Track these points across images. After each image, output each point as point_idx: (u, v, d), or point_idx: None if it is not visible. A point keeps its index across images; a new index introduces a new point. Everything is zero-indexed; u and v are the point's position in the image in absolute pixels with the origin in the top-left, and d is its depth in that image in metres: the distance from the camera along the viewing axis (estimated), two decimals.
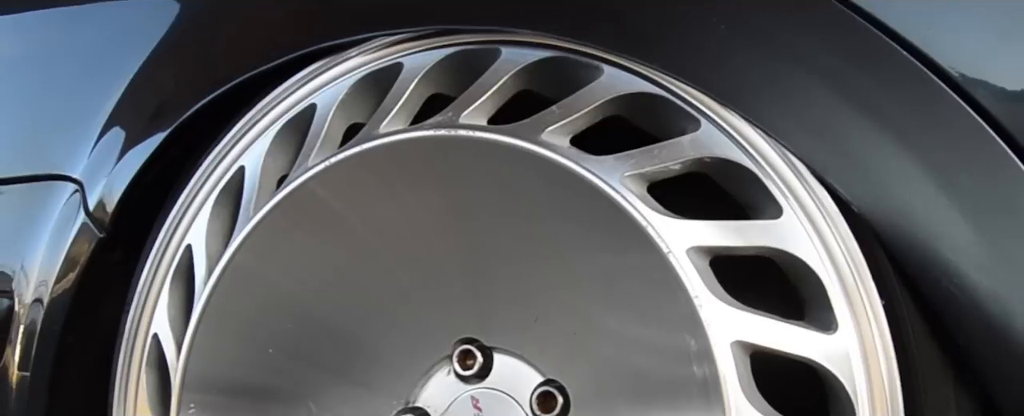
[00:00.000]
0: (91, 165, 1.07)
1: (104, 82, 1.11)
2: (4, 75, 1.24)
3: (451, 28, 0.84)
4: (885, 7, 0.72)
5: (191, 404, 0.87)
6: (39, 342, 1.06)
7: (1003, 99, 0.69)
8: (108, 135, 1.07)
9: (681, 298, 0.70)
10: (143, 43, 1.09)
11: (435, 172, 0.81)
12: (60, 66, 1.18)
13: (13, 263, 1.14)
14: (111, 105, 1.09)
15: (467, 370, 0.87)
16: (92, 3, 1.17)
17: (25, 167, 1.15)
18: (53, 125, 1.15)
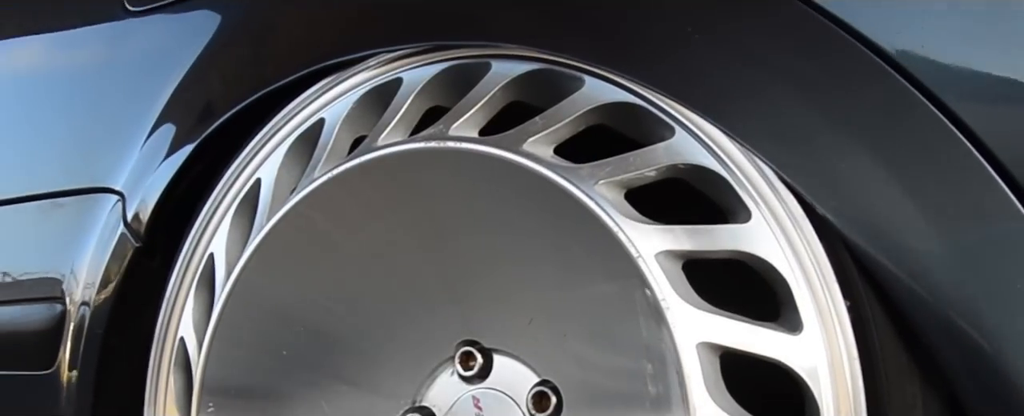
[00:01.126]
0: (130, 178, 1.15)
1: (146, 98, 1.18)
2: (57, 92, 1.32)
3: (445, 44, 0.88)
4: (854, 12, 0.74)
5: (210, 404, 0.93)
6: (85, 344, 1.14)
7: (969, 101, 0.71)
8: (145, 149, 1.14)
9: (651, 301, 0.73)
10: (180, 61, 1.15)
11: (428, 182, 0.85)
12: (107, 83, 1.26)
13: (65, 271, 1.22)
14: (151, 120, 1.16)
15: (468, 371, 0.91)
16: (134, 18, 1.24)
17: (74, 181, 1.23)
18: (99, 140, 1.23)
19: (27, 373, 1.23)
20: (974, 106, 0.71)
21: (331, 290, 0.92)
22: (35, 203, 1.29)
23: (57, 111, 1.32)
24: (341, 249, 0.91)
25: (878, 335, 0.71)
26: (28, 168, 1.33)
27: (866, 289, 0.72)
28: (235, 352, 0.93)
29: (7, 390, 1.27)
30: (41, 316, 1.22)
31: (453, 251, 0.88)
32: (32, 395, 1.22)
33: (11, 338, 1.27)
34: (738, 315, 0.74)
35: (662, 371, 0.74)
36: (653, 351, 0.74)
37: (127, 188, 1.15)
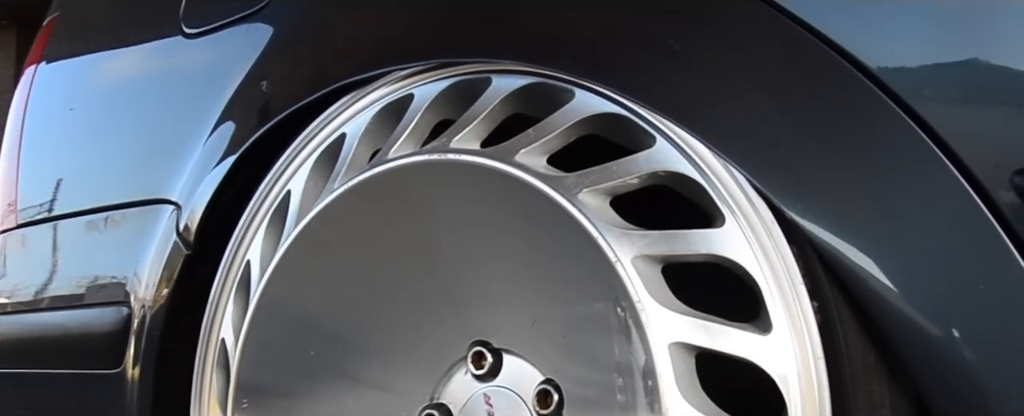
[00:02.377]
0: (184, 189, 1.24)
1: (199, 115, 1.27)
2: (123, 112, 1.43)
3: (450, 61, 0.94)
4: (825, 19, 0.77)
5: (244, 401, 1.00)
6: (145, 345, 1.23)
7: (935, 105, 0.73)
8: (196, 162, 1.23)
9: (627, 303, 0.77)
10: (229, 80, 1.24)
11: (432, 192, 0.91)
12: (167, 102, 1.36)
13: (130, 277, 1.32)
14: (204, 135, 1.25)
15: (480, 370, 0.96)
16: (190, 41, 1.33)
17: (137, 193, 1.33)
18: (159, 155, 1.32)
19: (98, 371, 1.33)
20: (939, 109, 0.73)
21: (352, 295, 0.98)
22: (105, 214, 1.39)
23: (124, 129, 1.43)
24: (358, 257, 0.97)
25: (844, 336, 0.74)
26: (99, 182, 1.43)
27: (833, 291, 0.74)
28: (266, 353, 1.01)
29: (81, 387, 1.38)
30: (110, 319, 1.32)
31: (461, 256, 0.93)
32: (102, 392, 1.32)
33: (85, 339, 1.37)
34: (712, 316, 0.77)
35: (640, 371, 0.77)
36: (632, 351, 0.78)
37: (182, 199, 1.24)
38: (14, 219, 1.59)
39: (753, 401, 0.81)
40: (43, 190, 1.54)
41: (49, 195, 1.52)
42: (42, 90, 1.63)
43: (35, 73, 1.65)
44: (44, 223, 1.51)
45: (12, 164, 1.64)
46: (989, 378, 0.69)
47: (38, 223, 1.52)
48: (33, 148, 1.61)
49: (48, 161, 1.58)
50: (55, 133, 1.59)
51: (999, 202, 0.70)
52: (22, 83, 1.68)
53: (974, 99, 0.73)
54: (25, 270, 1.55)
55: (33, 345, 1.50)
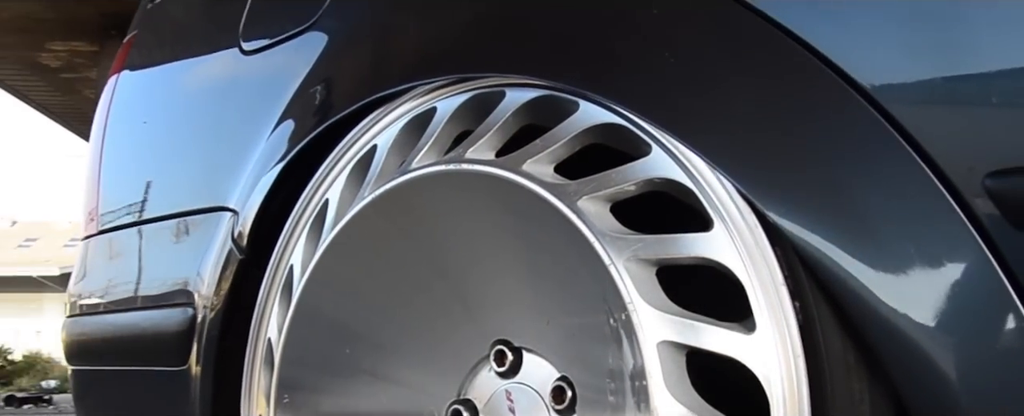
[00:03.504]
0: (240, 197, 1.32)
1: (254, 126, 1.36)
2: (189, 125, 1.53)
3: (467, 76, 1.00)
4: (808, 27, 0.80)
5: (285, 397, 1.08)
6: (205, 345, 1.32)
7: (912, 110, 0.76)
8: (251, 171, 1.31)
9: (619, 303, 0.82)
10: (280, 94, 1.32)
11: (450, 200, 0.97)
12: (227, 115, 1.45)
13: (195, 280, 1.41)
14: (259, 145, 1.34)
15: (502, 367, 1.02)
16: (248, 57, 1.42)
17: (201, 201, 1.43)
18: (220, 165, 1.42)
19: (167, 368, 1.43)
20: (915, 115, 0.76)
21: (382, 299, 1.05)
22: (174, 221, 1.49)
23: (191, 140, 1.53)
24: (387, 262, 1.04)
25: (824, 335, 0.78)
26: (168, 190, 1.54)
27: (814, 292, 0.78)
28: (304, 352, 1.08)
29: (153, 383, 1.48)
30: (176, 320, 1.42)
31: (480, 260, 1.00)
32: (171, 388, 1.42)
33: (155, 338, 1.47)
34: (700, 316, 0.82)
35: (632, 368, 0.82)
36: (625, 350, 0.83)
37: (238, 206, 1.33)
38: (95, 226, 1.71)
39: (748, 399, 0.85)
40: (120, 198, 1.66)
41: (125, 203, 1.63)
42: (121, 103, 1.75)
43: (115, 86, 1.77)
44: (120, 230, 1.62)
45: (94, 172, 1.76)
46: (960, 376, 0.72)
47: (115, 230, 1.63)
48: (112, 157, 1.72)
49: (124, 170, 1.69)
50: (131, 143, 1.70)
51: (972, 204, 0.73)
52: (103, 96, 1.80)
53: (949, 105, 0.76)
54: (104, 274, 1.67)
55: (110, 344, 1.61)
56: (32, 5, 7.73)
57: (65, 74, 9.32)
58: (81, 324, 1.72)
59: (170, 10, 1.73)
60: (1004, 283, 0.72)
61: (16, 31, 8.30)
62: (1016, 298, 0.72)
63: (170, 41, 1.74)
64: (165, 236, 1.52)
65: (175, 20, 1.73)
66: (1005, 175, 0.72)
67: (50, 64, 9.26)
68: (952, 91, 0.76)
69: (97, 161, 1.76)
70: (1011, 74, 0.74)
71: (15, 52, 8.93)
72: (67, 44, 8.74)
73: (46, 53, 8.99)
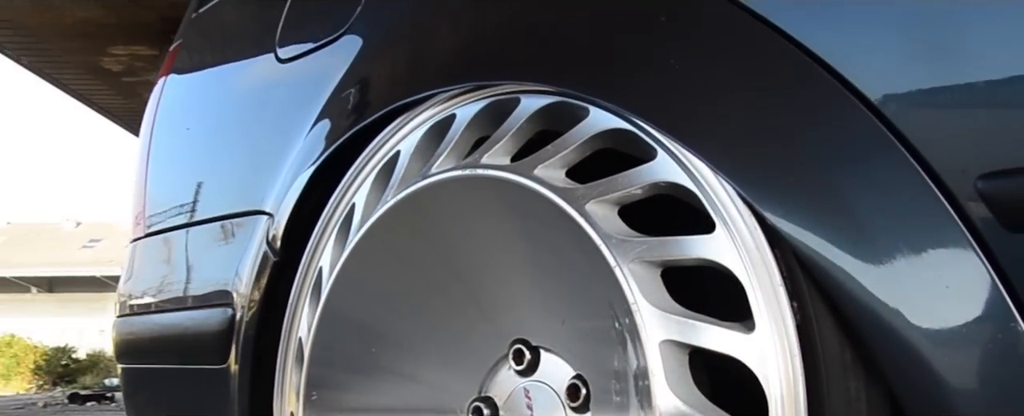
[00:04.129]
0: (275, 200, 1.37)
1: (289, 132, 1.40)
2: (229, 132, 1.58)
3: (483, 84, 1.03)
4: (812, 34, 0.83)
5: (314, 394, 1.13)
6: (243, 344, 1.37)
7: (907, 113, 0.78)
8: (284, 175, 1.36)
9: (623, 303, 0.85)
10: (314, 101, 1.37)
11: (468, 204, 1.01)
12: (264, 121, 1.50)
13: (234, 282, 1.46)
14: (293, 151, 1.39)
15: (520, 365, 1.06)
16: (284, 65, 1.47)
17: (240, 205, 1.48)
18: (257, 170, 1.47)
19: (209, 367, 1.48)
20: (911, 119, 0.78)
21: (405, 300, 1.09)
22: (214, 224, 1.55)
23: (230, 145, 1.59)
24: (409, 265, 1.08)
25: (821, 334, 0.80)
26: (209, 194, 1.60)
27: (811, 292, 0.80)
28: (331, 351, 1.13)
29: (195, 381, 1.54)
30: (217, 320, 1.47)
31: (498, 262, 1.03)
32: (213, 385, 1.47)
33: (197, 337, 1.53)
34: (702, 316, 0.84)
35: (636, 366, 0.85)
36: (629, 349, 0.86)
37: (273, 209, 1.38)
38: (141, 228, 1.77)
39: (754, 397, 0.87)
40: (164, 201, 1.72)
41: (169, 206, 1.69)
42: (166, 109, 1.81)
43: (161, 93, 1.84)
44: (165, 232, 1.68)
45: (141, 176, 1.83)
46: (953, 376, 0.74)
47: (160, 232, 1.70)
48: (157, 162, 1.79)
49: (169, 174, 1.76)
50: (175, 148, 1.76)
51: (964, 206, 0.75)
52: (150, 102, 1.87)
53: (942, 108, 0.77)
54: (150, 275, 1.73)
55: (156, 343, 1.68)
56: (95, 11, 7.91)
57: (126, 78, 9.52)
58: (129, 324, 1.78)
59: (213, 20, 1.79)
60: (996, 284, 0.74)
61: (79, 37, 8.50)
62: (1008, 298, 0.73)
63: (213, 49, 1.80)
64: (207, 238, 1.57)
65: (217, 29, 1.79)
66: (997, 177, 0.74)
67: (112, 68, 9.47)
68: (945, 93, 0.77)
69: (144, 165, 1.82)
70: (1002, 75, 0.75)
71: (78, 57, 9.14)
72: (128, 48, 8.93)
73: (108, 58, 9.19)
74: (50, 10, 7.91)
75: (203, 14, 1.83)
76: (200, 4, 1.85)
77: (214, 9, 1.78)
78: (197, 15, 1.84)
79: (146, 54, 9.04)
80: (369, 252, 1.10)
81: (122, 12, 8.02)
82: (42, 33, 8.43)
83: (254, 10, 1.66)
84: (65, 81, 9.97)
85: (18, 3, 7.76)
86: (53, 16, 8.04)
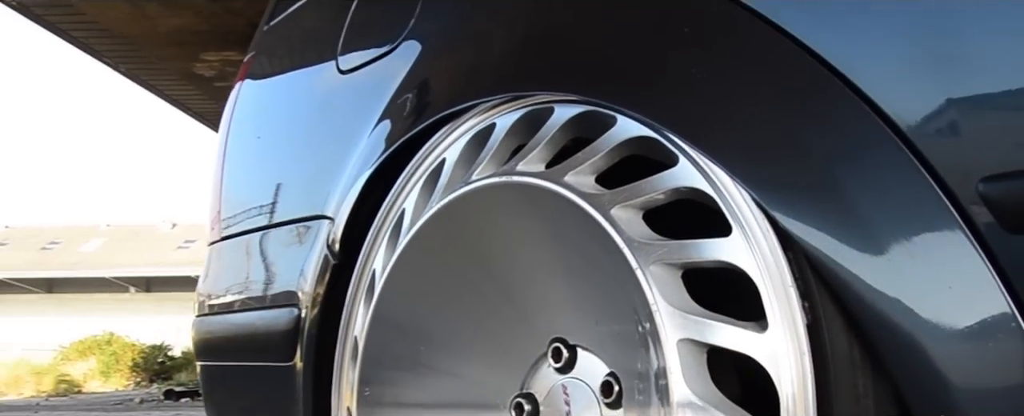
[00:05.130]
0: (335, 206, 1.45)
1: (349, 140, 1.48)
2: (296, 139, 1.67)
3: (520, 94, 1.09)
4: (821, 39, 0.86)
5: (366, 390, 1.20)
6: (306, 342, 1.45)
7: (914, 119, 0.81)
8: (344, 181, 1.44)
9: (644, 304, 0.90)
10: (371, 111, 1.44)
11: (505, 209, 1.07)
12: (327, 130, 1.58)
13: (299, 283, 1.54)
14: (352, 158, 1.46)
15: (558, 363, 1.11)
16: (344, 76, 1.55)
17: (305, 210, 1.56)
18: (321, 176, 1.55)
19: (277, 364, 1.57)
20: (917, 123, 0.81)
21: (450, 302, 1.16)
22: (284, 228, 1.64)
23: (298, 152, 1.67)
24: (453, 268, 1.14)
25: (830, 333, 0.84)
26: (278, 200, 1.68)
27: (821, 293, 0.84)
28: (382, 350, 1.20)
29: (266, 377, 1.62)
30: (285, 320, 1.56)
31: (535, 264, 1.09)
32: (281, 382, 1.56)
33: (267, 336, 1.62)
34: (718, 316, 0.89)
35: (657, 365, 0.90)
36: (650, 348, 0.91)
37: (333, 214, 1.46)
38: (217, 232, 1.87)
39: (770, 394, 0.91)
40: (237, 206, 1.81)
41: (242, 211, 1.79)
42: (239, 118, 1.91)
43: (235, 103, 1.94)
44: (238, 236, 1.78)
45: (217, 182, 1.93)
46: (955, 375, 0.77)
47: (234, 236, 1.79)
48: (231, 168, 1.89)
49: (241, 180, 1.85)
50: (247, 156, 1.86)
51: (967, 208, 0.78)
52: (225, 111, 1.97)
53: (946, 117, 0.81)
54: (225, 277, 1.83)
55: (230, 342, 1.77)
56: (188, 19, 8.18)
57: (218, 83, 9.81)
58: (206, 323, 1.88)
59: (282, 32, 1.88)
60: (997, 284, 0.76)
61: (173, 44, 8.79)
62: (1008, 299, 0.76)
63: (281, 60, 1.89)
64: (276, 242, 1.66)
65: (286, 41, 1.88)
66: (997, 180, 0.77)
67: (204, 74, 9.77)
68: (948, 101, 0.80)
69: (219, 170, 1.92)
70: (1001, 83, 0.78)
71: (173, 64, 9.45)
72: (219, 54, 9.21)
73: (200, 63, 9.48)
74: (145, 19, 8.21)
75: (274, 26, 1.92)
76: (271, 17, 1.94)
77: (283, 22, 1.87)
78: (268, 27, 1.94)
79: (237, 59, 9.29)
80: (416, 256, 1.17)
81: (213, 19, 8.27)
82: (138, 41, 8.75)
83: (319, 23, 1.75)
84: (160, 87, 10.32)
85: (115, 14, 8.07)
86: (148, 25, 8.34)
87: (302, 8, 1.79)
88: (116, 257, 27.42)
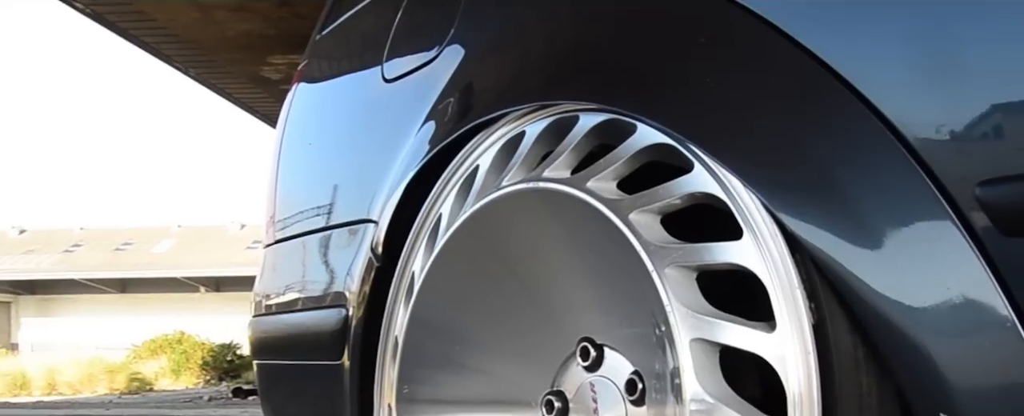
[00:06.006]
0: (379, 210, 1.51)
1: (392, 147, 1.54)
2: (343, 147, 1.74)
3: (547, 103, 1.14)
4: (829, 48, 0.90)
5: (405, 388, 1.26)
6: (352, 341, 1.52)
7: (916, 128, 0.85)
8: (387, 186, 1.50)
9: (660, 305, 0.95)
10: (412, 119, 1.51)
11: (531, 213, 1.12)
12: (373, 137, 1.65)
13: (347, 284, 1.61)
14: (395, 164, 1.52)
15: (586, 362, 1.16)
16: (389, 85, 1.61)
17: (353, 214, 1.63)
18: (368, 182, 1.61)
19: (327, 363, 1.64)
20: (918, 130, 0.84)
21: (483, 304, 1.22)
22: (333, 231, 1.71)
23: (345, 158, 1.74)
24: (485, 271, 1.20)
25: (835, 333, 0.87)
26: (328, 204, 1.75)
27: (826, 294, 0.88)
28: (419, 349, 1.26)
29: (316, 376, 1.70)
30: (335, 319, 1.63)
31: (562, 267, 1.14)
32: (330, 379, 1.63)
33: (317, 336, 1.69)
34: (730, 316, 0.93)
35: (672, 363, 0.95)
36: (665, 347, 0.95)
37: (378, 218, 1.52)
38: (271, 235, 1.95)
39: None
40: (290, 209, 1.89)
41: (294, 214, 1.86)
42: (293, 124, 1.99)
43: (288, 110, 2.02)
44: (291, 239, 1.85)
45: (272, 186, 2.01)
46: (953, 374, 0.81)
47: (287, 239, 1.87)
48: (285, 173, 1.97)
49: (294, 185, 1.93)
50: (299, 161, 1.94)
51: (965, 212, 0.81)
52: (280, 119, 2.05)
53: (945, 124, 0.84)
54: (279, 278, 1.91)
55: (284, 341, 1.85)
56: (255, 24, 8.35)
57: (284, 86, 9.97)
58: (262, 323, 1.97)
59: (331, 42, 1.96)
60: (994, 286, 0.80)
61: (241, 48, 8.98)
62: (1005, 300, 0.79)
63: (331, 69, 1.97)
64: (326, 245, 1.73)
65: (335, 51, 1.96)
66: (993, 184, 0.80)
67: (271, 77, 9.96)
68: (947, 110, 0.84)
69: (274, 175, 2.00)
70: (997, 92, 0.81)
71: (240, 67, 9.65)
72: (286, 58, 9.38)
73: (267, 67, 9.66)
74: (214, 24, 8.40)
75: (325, 36, 1.99)
76: (323, 26, 2.02)
77: (334, 32, 1.95)
78: (320, 37, 2.02)
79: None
80: (450, 259, 1.22)
81: (280, 24, 8.44)
82: (207, 46, 8.96)
83: (366, 34, 1.82)
84: (229, 90, 10.55)
85: (185, 19, 8.28)
86: (217, 30, 8.54)
87: (351, 19, 1.86)
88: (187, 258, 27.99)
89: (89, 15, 8.19)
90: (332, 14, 1.96)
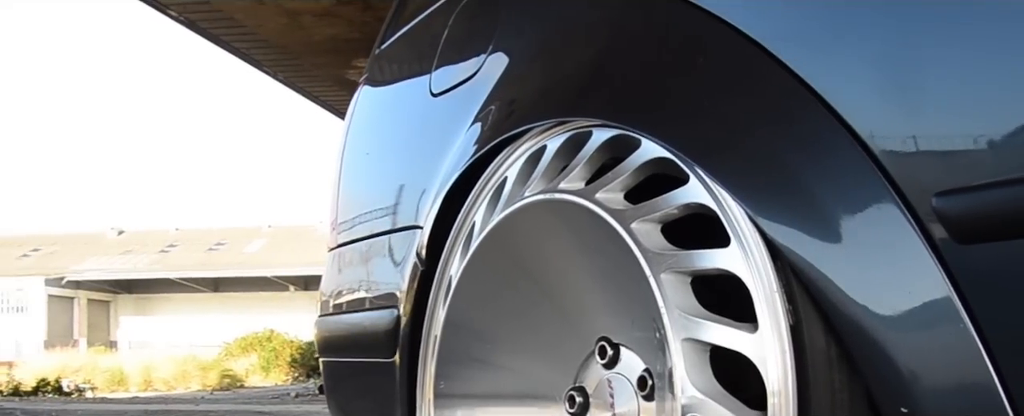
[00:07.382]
0: (425, 216, 1.63)
1: (437, 157, 1.66)
2: (393, 156, 1.86)
3: (563, 120, 1.25)
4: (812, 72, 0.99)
5: (441, 383, 1.38)
6: (402, 340, 1.64)
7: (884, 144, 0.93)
8: (432, 194, 1.62)
9: (655, 307, 1.05)
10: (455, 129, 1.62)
11: (549, 222, 1.22)
12: (420, 147, 1.77)
13: (399, 286, 1.73)
14: (439, 173, 1.64)
15: (603, 359, 1.26)
16: (436, 99, 1.73)
17: (402, 220, 1.75)
18: (415, 189, 1.73)
19: (382, 360, 1.76)
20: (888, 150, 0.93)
21: (510, 306, 1.32)
22: (388, 236, 1.83)
23: (398, 168, 1.87)
24: (511, 276, 1.31)
25: (810, 334, 0.96)
26: (383, 211, 1.88)
27: (803, 298, 0.97)
28: (454, 348, 1.37)
29: (369, 371, 1.82)
30: (388, 319, 1.75)
31: (580, 271, 1.24)
32: (384, 376, 1.75)
33: (374, 335, 1.82)
34: (717, 317, 1.02)
35: (666, 362, 1.04)
36: (661, 347, 1.05)
37: (423, 224, 1.64)
38: (334, 239, 2.09)
39: None
40: (351, 215, 2.02)
41: (355, 219, 2.00)
42: (353, 135, 2.13)
43: (350, 122, 2.16)
44: (352, 244, 1.98)
45: (335, 192, 2.15)
46: (912, 373, 0.89)
47: (349, 244, 2.00)
48: (346, 181, 2.10)
49: (354, 192, 2.06)
50: (359, 169, 2.07)
51: (924, 220, 0.89)
52: (341, 130, 2.19)
53: (908, 142, 0.92)
54: (341, 281, 2.04)
55: (345, 339, 1.98)
56: (340, 28, 8.59)
57: None
58: (326, 323, 2.10)
59: (388, 57, 2.09)
60: (949, 290, 0.88)
61: (327, 52, 9.24)
62: (959, 304, 0.87)
63: (388, 83, 2.10)
64: (382, 249, 1.86)
65: (391, 66, 2.09)
66: (948, 195, 0.88)
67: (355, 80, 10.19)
68: (910, 129, 0.92)
69: (337, 183, 2.14)
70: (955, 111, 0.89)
71: (326, 71, 9.91)
72: None
73: (352, 70, 9.90)
74: (301, 29, 8.66)
75: (383, 51, 2.13)
76: (381, 42, 2.15)
77: (390, 48, 2.08)
78: (379, 51, 2.15)
79: None
80: (480, 265, 1.34)
81: (364, 28, 8.66)
82: (294, 50, 9.23)
83: (417, 51, 1.94)
84: (315, 93, 10.83)
85: (273, 25, 8.55)
86: (304, 35, 8.80)
87: (403, 37, 1.99)
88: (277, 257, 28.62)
89: (183, 22, 8.52)
90: (388, 32, 2.09)
